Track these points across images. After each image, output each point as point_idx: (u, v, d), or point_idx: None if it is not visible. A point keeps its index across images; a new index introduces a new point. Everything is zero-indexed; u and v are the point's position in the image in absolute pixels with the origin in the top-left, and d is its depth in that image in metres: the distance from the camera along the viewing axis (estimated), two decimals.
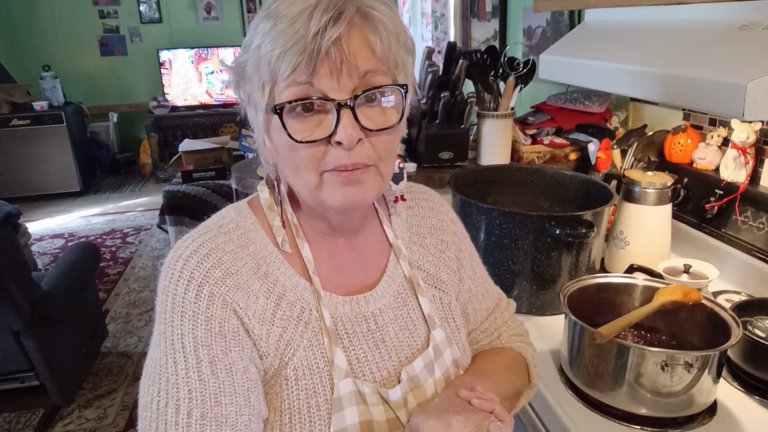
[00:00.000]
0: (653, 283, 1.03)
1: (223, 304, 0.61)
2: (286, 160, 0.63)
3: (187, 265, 0.61)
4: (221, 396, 0.58)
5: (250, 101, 0.64)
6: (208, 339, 0.59)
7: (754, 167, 1.33)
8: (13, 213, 2.28)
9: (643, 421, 0.87)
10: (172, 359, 0.59)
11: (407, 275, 0.75)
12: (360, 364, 0.67)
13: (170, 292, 0.61)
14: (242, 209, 0.70)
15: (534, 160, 1.86)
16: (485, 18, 3.05)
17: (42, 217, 4.97)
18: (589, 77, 1.47)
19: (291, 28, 0.57)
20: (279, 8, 0.59)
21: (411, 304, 0.74)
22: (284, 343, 0.63)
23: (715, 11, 1.18)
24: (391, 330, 0.70)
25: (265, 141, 0.65)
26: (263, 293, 0.64)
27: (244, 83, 0.64)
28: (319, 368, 0.64)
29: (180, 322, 0.60)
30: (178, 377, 0.58)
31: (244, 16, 6.33)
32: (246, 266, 0.64)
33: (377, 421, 0.64)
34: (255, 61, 0.60)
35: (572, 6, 1.60)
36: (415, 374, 0.69)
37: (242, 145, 4.15)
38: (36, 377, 2.27)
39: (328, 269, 0.70)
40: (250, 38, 0.62)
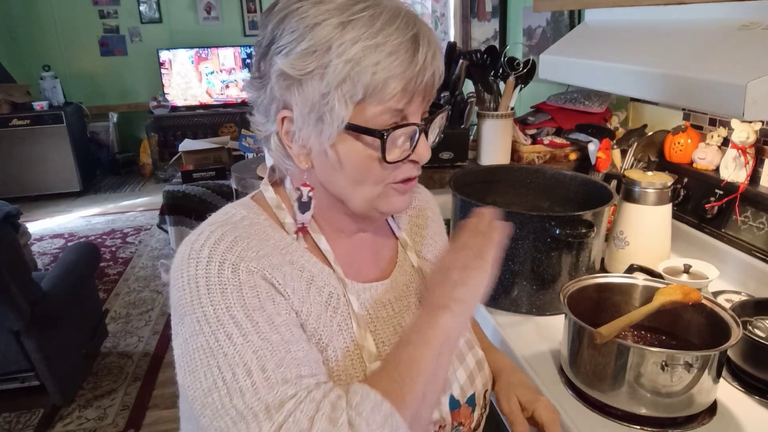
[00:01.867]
0: (653, 283, 1.03)
1: (263, 278, 0.61)
2: (352, 173, 0.65)
3: (215, 250, 0.61)
4: (290, 344, 0.59)
5: (313, 106, 0.61)
6: (257, 304, 0.59)
7: (754, 167, 1.33)
8: (13, 213, 2.28)
9: (643, 421, 0.87)
10: (223, 335, 0.58)
11: (415, 265, 0.79)
12: (386, 348, 0.69)
13: (201, 278, 0.59)
14: (250, 206, 0.70)
15: (534, 160, 1.86)
16: (485, 18, 3.05)
17: (42, 217, 4.97)
18: (589, 77, 1.47)
19: (397, 55, 0.59)
20: (375, 22, 0.59)
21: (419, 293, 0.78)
22: (322, 323, 0.65)
23: (715, 11, 1.18)
24: (407, 316, 0.74)
25: (328, 151, 0.64)
26: (295, 275, 0.65)
27: (304, 84, 0.61)
28: (350, 352, 0.66)
29: (222, 298, 0.59)
30: (238, 346, 0.57)
31: (244, 16, 6.33)
32: (273, 253, 0.64)
33: None
34: (346, 73, 0.59)
35: (572, 6, 1.60)
36: None
37: (242, 145, 4.15)
38: (36, 377, 2.27)
39: (345, 261, 0.72)
40: (335, 44, 0.59)
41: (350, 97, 0.60)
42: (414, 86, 0.61)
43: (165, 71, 5.97)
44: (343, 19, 0.59)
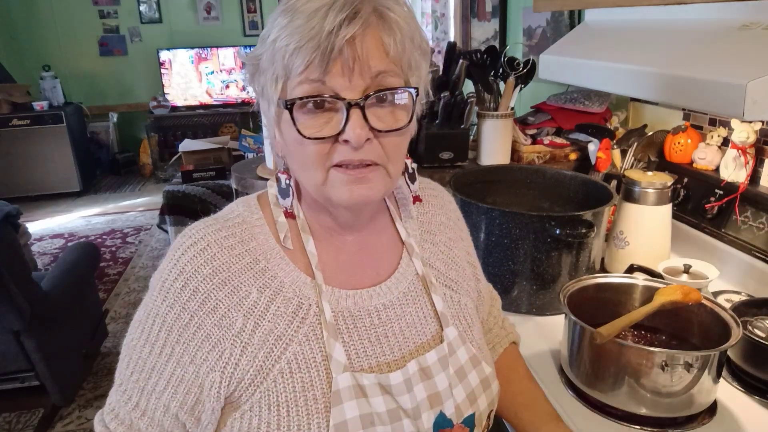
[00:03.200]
0: (653, 283, 1.03)
1: (204, 301, 0.64)
2: (294, 155, 0.65)
3: (183, 256, 0.65)
4: (152, 374, 0.65)
5: (263, 94, 0.65)
6: (172, 325, 0.64)
7: (754, 167, 1.33)
8: (13, 213, 2.28)
9: (643, 421, 0.87)
10: (141, 328, 0.66)
11: (420, 273, 0.75)
12: (359, 358, 0.66)
13: (163, 275, 0.65)
14: (251, 204, 0.72)
15: (534, 160, 1.86)
16: (485, 18, 3.05)
17: (42, 217, 4.97)
18: (589, 77, 1.47)
19: (306, 25, 0.58)
20: (297, 4, 0.59)
21: (422, 302, 0.73)
22: (274, 337, 0.64)
23: (715, 11, 1.18)
24: (396, 326, 0.70)
25: (276, 134, 0.67)
26: (257, 288, 0.65)
27: (259, 76, 0.65)
28: (316, 362, 0.64)
29: (161, 303, 0.65)
30: (138, 344, 0.66)
31: (244, 16, 6.33)
32: (241, 262, 0.66)
33: (377, 413, 0.63)
34: (270, 55, 0.61)
35: (572, 6, 1.60)
36: (427, 365, 0.68)
37: (242, 145, 4.15)
38: (36, 377, 2.27)
39: (335, 266, 0.70)
40: (267, 31, 0.62)
41: (276, 77, 0.61)
42: (327, 53, 0.57)
43: (165, 71, 5.97)
44: (285, 6, 0.61)
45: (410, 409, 0.65)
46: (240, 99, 6.20)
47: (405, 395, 0.65)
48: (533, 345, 1.10)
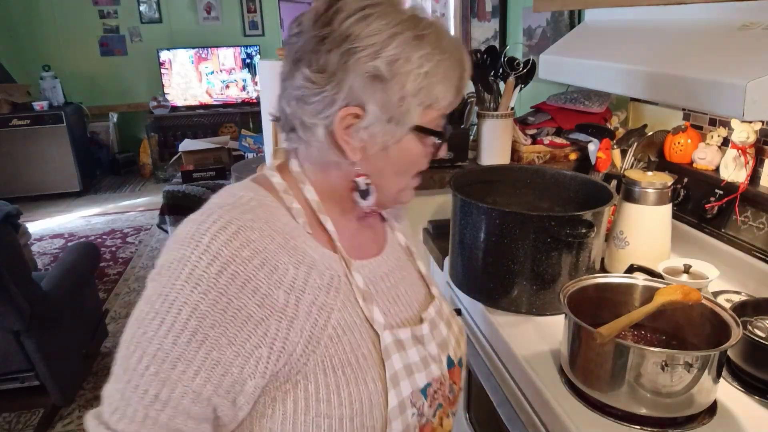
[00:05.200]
0: (653, 283, 1.03)
1: (244, 284, 0.63)
2: (401, 166, 0.74)
3: (215, 240, 0.63)
4: (178, 363, 0.62)
5: (386, 106, 0.68)
6: (206, 312, 0.62)
7: (754, 167, 1.33)
8: (13, 213, 2.28)
9: (643, 421, 0.87)
10: (160, 319, 0.62)
11: (403, 244, 0.88)
12: (389, 317, 0.75)
13: (190, 263, 0.63)
14: (256, 189, 0.73)
15: (534, 160, 1.86)
16: (485, 18, 3.05)
17: (42, 217, 4.97)
18: (589, 77, 1.47)
19: (454, 71, 0.71)
20: (443, 43, 0.69)
21: (410, 267, 0.86)
22: (317, 308, 0.68)
23: (715, 11, 1.18)
24: (402, 288, 0.81)
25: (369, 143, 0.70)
26: (293, 264, 0.68)
27: (388, 87, 0.67)
28: (357, 325, 0.71)
29: (190, 291, 0.62)
30: (156, 335, 0.62)
31: (244, 16, 6.33)
32: (274, 242, 0.67)
33: (414, 362, 0.73)
34: (422, 83, 0.68)
35: (572, 6, 1.60)
36: (431, 317, 0.80)
37: (242, 145, 4.15)
38: (36, 377, 2.27)
39: (348, 243, 0.77)
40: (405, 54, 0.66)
41: (421, 104, 0.69)
42: (459, 96, 0.72)
43: (165, 71, 5.97)
44: (417, 33, 0.67)
45: (435, 355, 0.77)
46: (240, 99, 6.21)
47: (431, 343, 0.77)
48: (533, 345, 1.10)
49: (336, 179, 0.74)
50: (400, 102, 0.67)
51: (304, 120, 0.70)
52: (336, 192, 0.75)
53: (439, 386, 0.76)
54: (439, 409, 0.76)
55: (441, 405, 0.76)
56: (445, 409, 0.78)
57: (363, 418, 0.67)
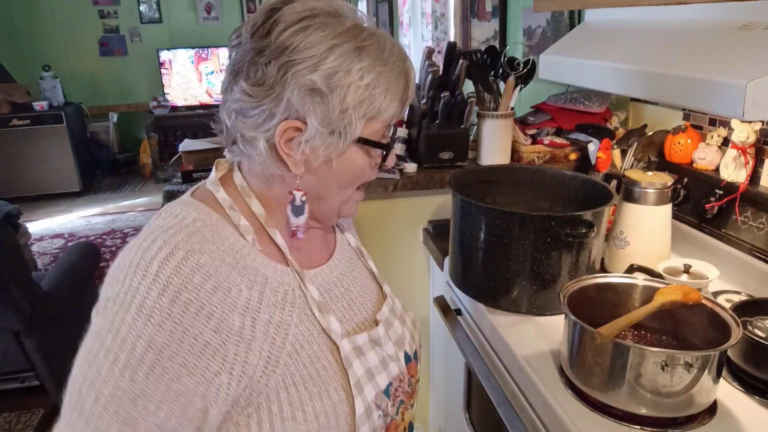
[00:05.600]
0: (653, 283, 1.03)
1: (198, 311, 0.61)
2: (344, 178, 0.72)
3: (163, 268, 0.60)
4: (138, 399, 0.60)
5: (327, 120, 0.66)
6: (163, 345, 0.60)
7: (754, 167, 1.33)
8: (13, 213, 2.28)
9: (643, 421, 0.87)
10: (113, 356, 0.60)
11: (353, 245, 0.88)
12: (346, 323, 0.76)
13: (139, 294, 0.60)
14: (199, 207, 0.70)
15: (534, 160, 1.86)
16: (485, 18, 3.05)
17: (42, 217, 4.97)
18: (589, 77, 1.47)
19: (398, 82, 0.69)
20: (385, 56, 0.68)
21: (361, 267, 0.87)
22: (273, 327, 0.67)
23: (715, 11, 1.18)
24: (355, 290, 0.81)
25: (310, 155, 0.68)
26: (246, 285, 0.66)
27: (328, 100, 0.65)
28: (314, 337, 0.70)
29: (143, 325, 0.59)
30: (111, 374, 0.60)
31: (244, 16, 6.33)
32: (224, 263, 0.65)
33: (374, 365, 0.74)
34: (364, 95, 0.67)
35: (572, 6, 1.60)
36: (386, 317, 0.81)
37: None
38: (36, 377, 2.27)
39: (297, 253, 0.76)
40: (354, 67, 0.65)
41: (364, 116, 0.68)
42: (404, 107, 0.72)
43: (165, 71, 5.97)
44: (358, 44, 0.66)
45: (392, 354, 0.78)
46: None
47: (387, 343, 0.78)
48: (533, 345, 1.10)
49: (280, 192, 0.73)
50: (341, 115, 0.66)
51: (244, 133, 0.68)
52: (282, 205, 0.73)
53: (399, 383, 0.78)
54: (401, 405, 0.78)
55: (402, 401, 0.78)
56: (406, 402, 0.80)
57: (330, 429, 0.67)
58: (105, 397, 0.59)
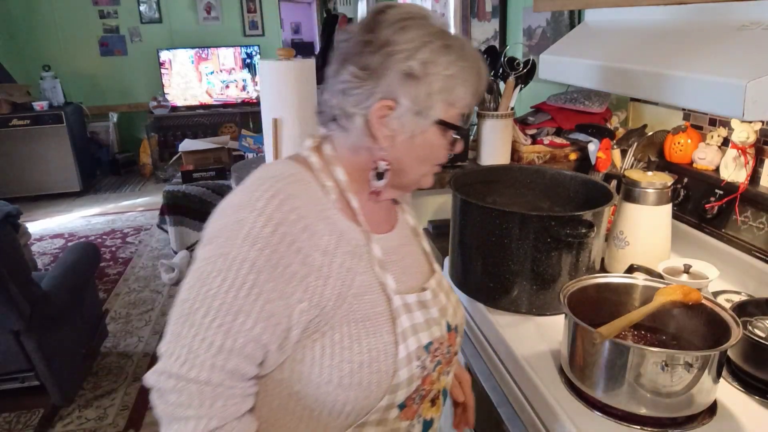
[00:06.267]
0: (653, 283, 1.03)
1: (290, 243, 0.75)
2: (423, 154, 0.84)
3: (269, 204, 0.75)
4: (239, 315, 0.73)
5: (416, 100, 0.79)
6: (262, 267, 0.73)
7: (754, 167, 1.33)
8: (13, 213, 2.29)
9: (643, 421, 0.87)
10: (221, 276, 0.73)
11: (411, 224, 0.98)
12: (400, 283, 0.86)
13: (247, 224, 0.74)
14: (296, 166, 0.83)
15: (534, 160, 1.86)
16: (485, 18, 3.05)
17: (42, 217, 4.97)
18: (589, 77, 1.47)
19: (474, 77, 0.82)
20: (464, 53, 0.81)
21: (415, 245, 0.97)
22: (345, 269, 0.79)
23: (715, 11, 1.18)
24: (409, 260, 0.91)
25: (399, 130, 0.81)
26: (327, 231, 0.79)
27: (419, 84, 0.78)
28: (374, 287, 0.82)
29: (248, 249, 0.73)
30: (219, 291, 0.73)
31: (244, 16, 6.33)
32: (312, 210, 0.78)
33: (419, 323, 0.84)
34: (447, 84, 0.80)
35: (572, 6, 1.60)
36: (433, 287, 0.91)
37: (242, 145, 4.15)
38: (36, 377, 2.27)
39: (368, 218, 0.87)
40: (441, 60, 0.78)
41: (444, 101, 0.80)
42: (477, 99, 0.84)
43: (165, 71, 5.97)
44: (445, 43, 0.79)
45: (436, 318, 0.87)
46: (240, 99, 6.21)
47: (433, 308, 0.88)
48: (533, 345, 1.10)
49: (365, 162, 0.85)
50: (427, 98, 0.79)
51: (346, 109, 0.81)
52: (363, 174, 0.86)
53: (439, 345, 0.86)
54: (439, 365, 0.87)
55: (440, 362, 0.87)
56: (443, 367, 0.88)
57: (379, 364, 0.79)
58: (213, 310, 0.72)
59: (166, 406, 0.74)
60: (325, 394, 0.78)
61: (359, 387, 0.78)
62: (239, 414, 0.76)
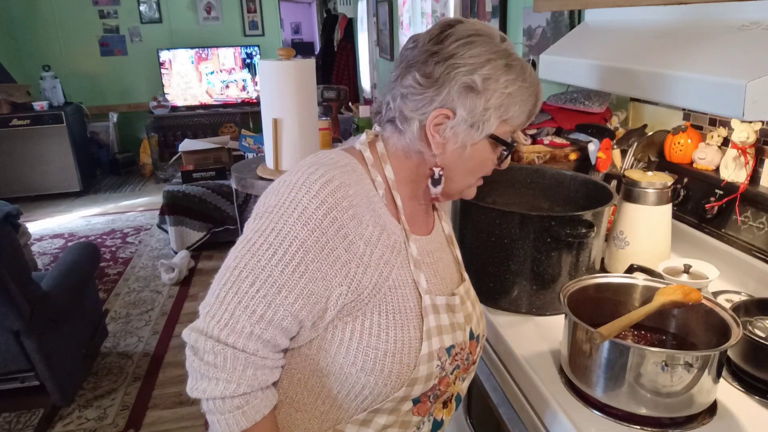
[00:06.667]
0: (653, 283, 1.03)
1: (339, 229, 0.78)
2: (471, 166, 0.87)
3: (324, 188, 0.78)
4: (283, 289, 0.77)
5: (472, 113, 0.81)
6: (310, 247, 0.76)
7: (754, 167, 1.33)
8: (13, 213, 2.29)
9: (643, 421, 0.87)
10: (272, 250, 0.77)
11: (447, 232, 1.01)
12: (431, 285, 0.89)
13: (301, 204, 0.77)
14: (349, 157, 0.87)
15: (534, 160, 1.86)
16: (485, 18, 3.05)
17: (42, 217, 4.97)
18: (589, 77, 1.47)
19: (530, 98, 0.84)
20: (525, 74, 0.83)
21: (449, 251, 0.99)
22: (383, 261, 0.82)
23: (715, 11, 1.18)
24: (441, 265, 0.93)
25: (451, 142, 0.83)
26: (372, 223, 0.82)
27: (475, 98, 0.81)
28: (408, 284, 0.85)
29: (300, 228, 0.76)
30: (268, 263, 0.76)
31: (244, 16, 6.33)
32: (362, 201, 0.82)
33: (444, 325, 0.86)
34: (504, 100, 0.82)
35: (572, 6, 1.60)
36: (461, 294, 0.93)
37: (242, 145, 4.15)
38: (36, 377, 2.27)
39: (408, 218, 0.90)
40: (495, 75, 0.80)
41: (499, 117, 0.83)
42: (529, 119, 0.87)
43: (165, 71, 5.97)
44: (507, 62, 0.81)
45: (461, 324, 0.90)
46: (240, 99, 6.21)
47: (459, 313, 0.90)
48: (533, 345, 1.10)
49: (414, 165, 0.88)
50: (484, 112, 0.81)
51: (405, 113, 0.84)
52: (410, 176, 0.89)
53: (460, 350, 0.89)
54: (457, 369, 0.89)
55: (458, 366, 0.89)
56: (460, 372, 0.91)
57: (402, 356, 0.82)
58: (260, 281, 0.76)
59: (201, 363, 0.77)
60: (347, 375, 0.82)
61: (380, 374, 0.81)
62: (266, 385, 0.81)
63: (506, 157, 0.89)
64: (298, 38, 11.12)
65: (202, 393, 0.78)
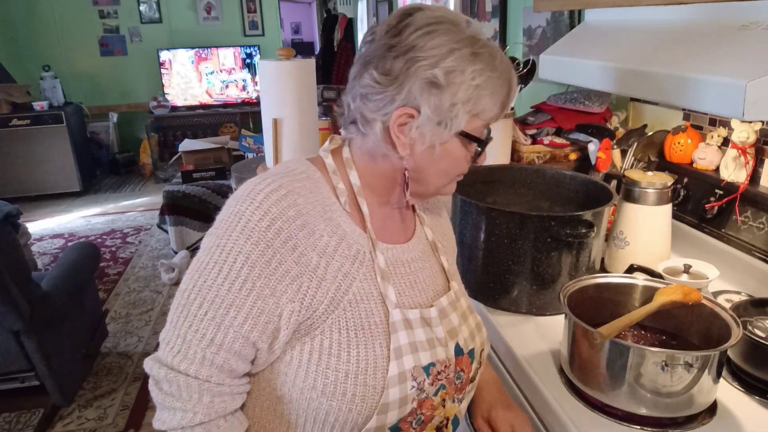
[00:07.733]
0: (653, 283, 1.03)
1: (286, 240, 0.73)
2: (444, 166, 0.81)
3: (267, 199, 0.74)
4: (231, 309, 0.73)
5: (438, 110, 0.75)
6: (255, 261, 0.72)
7: (754, 167, 1.33)
8: (13, 213, 2.28)
9: (643, 421, 0.87)
10: (218, 267, 0.73)
11: (430, 239, 0.93)
12: (402, 298, 0.82)
13: (244, 217, 0.73)
14: (308, 165, 0.82)
15: (534, 160, 1.86)
16: (485, 18, 3.05)
17: (42, 217, 4.97)
18: (589, 77, 1.47)
19: (503, 88, 0.78)
20: (495, 63, 0.76)
21: (433, 260, 0.91)
22: (342, 274, 0.77)
23: (715, 11, 1.18)
24: (420, 276, 0.87)
25: (418, 140, 0.78)
26: (327, 232, 0.77)
27: (442, 93, 0.75)
28: (373, 297, 0.79)
29: (244, 242, 0.72)
30: (215, 283, 0.73)
31: (244, 16, 6.33)
32: (315, 209, 0.77)
33: (420, 341, 0.79)
34: (473, 94, 0.76)
35: (572, 6, 1.60)
36: (443, 307, 0.86)
37: (242, 145, 4.15)
38: (36, 377, 2.27)
39: (379, 226, 0.85)
40: (460, 67, 0.74)
41: (469, 112, 0.77)
42: (503, 111, 0.81)
43: (165, 71, 5.97)
44: (474, 51, 0.74)
45: (441, 339, 0.82)
46: (240, 99, 6.21)
47: (438, 327, 0.83)
48: (533, 345, 1.10)
49: (382, 169, 0.83)
50: (450, 108, 0.75)
51: (365, 114, 0.78)
52: (378, 181, 0.84)
53: (443, 368, 0.81)
54: (442, 389, 0.81)
55: (444, 386, 0.81)
56: (449, 392, 0.83)
57: (366, 377, 0.75)
58: (207, 302, 0.73)
59: (159, 393, 0.75)
60: (308, 400, 0.76)
61: (343, 398, 0.75)
62: (226, 412, 0.76)
63: (481, 153, 0.83)
64: (298, 38, 11.11)
65: (162, 424, 0.75)
